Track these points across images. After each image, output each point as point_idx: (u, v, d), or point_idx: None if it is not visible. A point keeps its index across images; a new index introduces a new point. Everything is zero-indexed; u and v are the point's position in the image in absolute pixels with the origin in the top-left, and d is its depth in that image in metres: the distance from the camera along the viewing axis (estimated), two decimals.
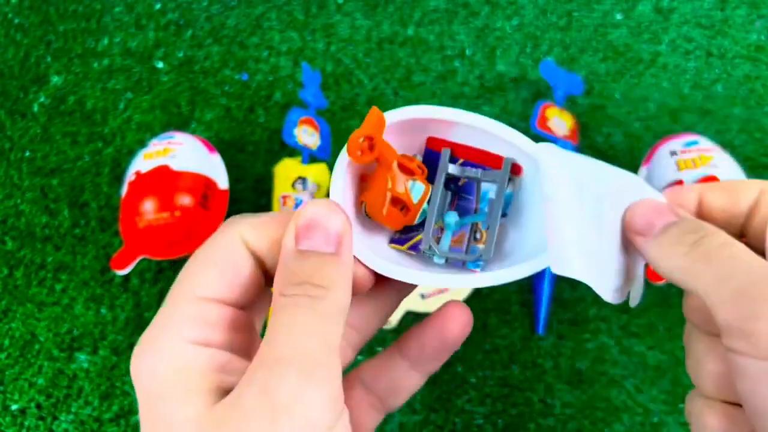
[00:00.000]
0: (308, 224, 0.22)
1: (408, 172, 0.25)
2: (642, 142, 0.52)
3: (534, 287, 0.47)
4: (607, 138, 0.53)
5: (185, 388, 0.21)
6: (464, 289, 0.47)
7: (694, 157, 0.45)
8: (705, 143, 0.46)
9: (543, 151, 0.24)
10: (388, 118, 0.25)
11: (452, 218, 0.26)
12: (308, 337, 0.21)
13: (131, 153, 0.52)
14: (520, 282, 0.25)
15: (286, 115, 0.50)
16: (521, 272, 0.24)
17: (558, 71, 0.52)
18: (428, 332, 0.26)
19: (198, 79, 0.56)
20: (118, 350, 0.46)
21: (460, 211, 0.27)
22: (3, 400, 0.45)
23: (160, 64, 0.57)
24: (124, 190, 0.47)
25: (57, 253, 0.50)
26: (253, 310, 0.24)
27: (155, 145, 0.48)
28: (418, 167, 0.26)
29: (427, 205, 0.26)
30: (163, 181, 0.46)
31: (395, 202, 0.25)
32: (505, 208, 0.26)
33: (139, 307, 0.48)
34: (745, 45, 0.56)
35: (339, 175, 0.25)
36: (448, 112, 0.25)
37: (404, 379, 0.27)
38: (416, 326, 0.27)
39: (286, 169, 0.49)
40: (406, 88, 0.55)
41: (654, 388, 0.45)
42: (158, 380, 0.21)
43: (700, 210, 0.25)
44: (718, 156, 0.45)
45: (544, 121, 0.49)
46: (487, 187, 0.26)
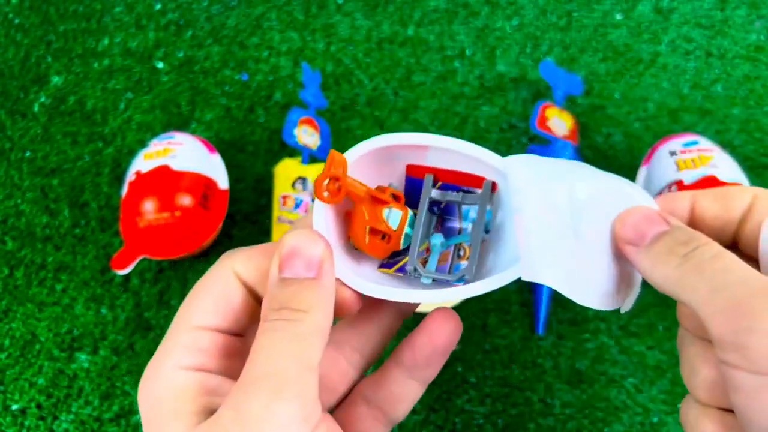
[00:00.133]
0: (290, 253, 0.24)
1: (381, 202, 0.27)
2: (642, 142, 0.52)
3: (534, 287, 0.47)
4: (607, 138, 0.53)
5: (175, 410, 0.23)
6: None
7: (694, 157, 0.45)
8: (705, 143, 0.46)
9: (510, 164, 0.25)
10: (349, 156, 0.26)
11: (438, 240, 0.27)
12: (282, 357, 0.22)
13: (131, 153, 0.53)
14: (519, 282, 0.26)
15: (286, 115, 0.50)
16: (496, 283, 0.25)
17: (558, 71, 0.52)
18: (418, 340, 0.27)
19: (198, 79, 0.56)
20: (118, 350, 0.46)
21: (445, 232, 0.28)
22: (3, 400, 0.45)
23: (160, 64, 0.57)
24: (125, 190, 0.47)
25: (57, 253, 0.50)
26: (250, 338, 0.26)
27: (155, 145, 0.48)
28: (392, 195, 0.27)
29: (410, 229, 0.27)
30: (164, 181, 0.46)
31: (374, 232, 0.27)
32: (488, 226, 0.27)
33: (139, 307, 0.48)
34: (745, 45, 0.56)
35: (318, 212, 0.26)
36: (407, 137, 0.26)
37: (403, 388, 0.27)
38: (408, 335, 0.27)
39: (286, 169, 0.49)
40: (406, 88, 0.55)
41: (654, 387, 0.45)
42: (154, 403, 0.23)
43: (693, 217, 0.25)
44: (718, 156, 0.45)
45: (543, 121, 0.49)
46: (467, 207, 0.27)
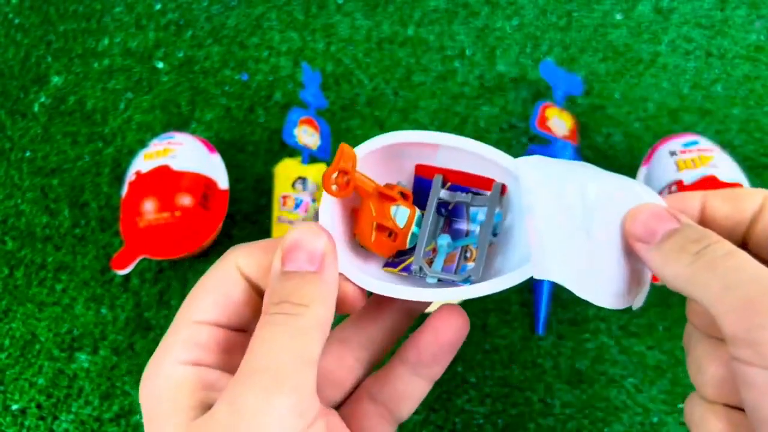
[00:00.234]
0: (292, 246, 0.23)
1: (389, 199, 0.26)
2: (642, 142, 0.52)
3: (534, 287, 0.47)
4: (607, 138, 0.53)
5: (173, 405, 0.22)
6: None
7: (694, 157, 0.45)
8: (705, 143, 0.46)
9: (522, 165, 0.25)
10: (359, 151, 0.25)
11: (445, 240, 0.27)
12: (280, 351, 0.22)
13: (131, 153, 0.53)
14: (520, 283, 0.26)
15: (286, 115, 0.50)
16: (505, 283, 0.24)
17: (558, 71, 0.52)
18: (424, 338, 0.27)
19: (198, 79, 0.56)
20: (118, 350, 0.46)
21: (452, 233, 0.27)
22: (3, 400, 0.45)
23: (160, 64, 0.57)
24: (125, 190, 0.47)
25: (57, 253, 0.50)
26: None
27: (155, 145, 0.48)
28: (400, 193, 0.27)
29: (417, 228, 0.27)
30: (164, 181, 0.46)
31: (381, 229, 0.26)
32: (496, 228, 0.27)
33: (139, 307, 0.48)
34: (745, 45, 0.56)
35: (324, 207, 0.25)
36: (420, 135, 0.26)
37: (408, 386, 0.27)
38: (414, 332, 0.27)
39: (286, 169, 0.49)
40: (406, 88, 0.55)
41: (654, 387, 0.45)
42: (153, 399, 0.23)
43: (703, 217, 0.25)
44: (718, 156, 0.45)
45: (543, 121, 0.49)
46: (477, 208, 0.27)
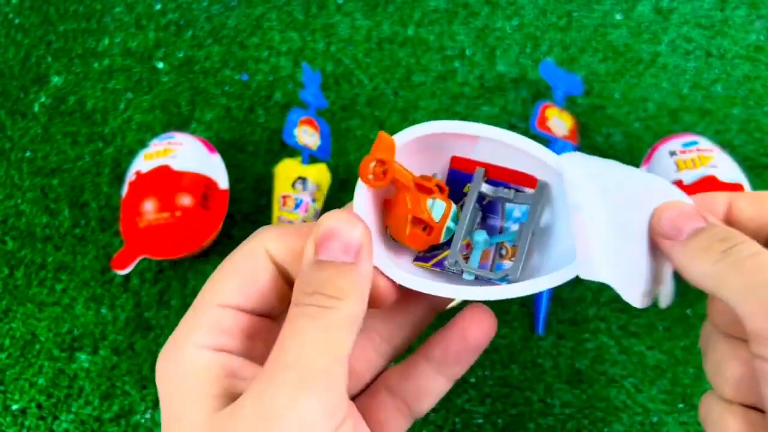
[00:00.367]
0: (327, 234, 0.23)
1: (426, 191, 0.25)
2: (641, 142, 0.52)
3: None
4: (607, 138, 0.53)
5: (196, 392, 0.22)
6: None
7: (694, 157, 0.45)
8: (704, 143, 0.47)
9: (566, 161, 0.24)
10: (398, 139, 0.24)
11: (481, 236, 0.26)
12: (311, 346, 0.21)
13: (131, 153, 0.53)
14: None
15: (286, 115, 0.50)
16: (547, 283, 0.24)
17: (558, 71, 0.52)
18: (451, 336, 0.26)
19: (198, 79, 0.56)
20: (118, 350, 0.46)
21: (487, 229, 0.27)
22: (3, 400, 0.45)
23: (160, 65, 0.57)
24: (125, 190, 0.47)
25: (57, 253, 0.50)
26: (280, 321, 0.25)
27: (156, 145, 0.48)
28: (437, 186, 0.26)
29: (452, 223, 0.26)
30: (164, 181, 0.46)
31: (416, 222, 0.25)
32: (535, 226, 0.26)
33: (139, 307, 0.48)
34: (745, 45, 0.56)
35: (359, 196, 0.24)
36: (463, 125, 0.25)
37: (429, 383, 0.27)
38: (440, 330, 0.27)
39: (286, 169, 0.49)
40: (406, 88, 0.55)
41: (653, 387, 0.45)
42: (174, 384, 0.22)
43: (728, 217, 0.25)
44: (718, 156, 0.45)
45: (543, 122, 0.49)
46: (512, 205, 0.26)
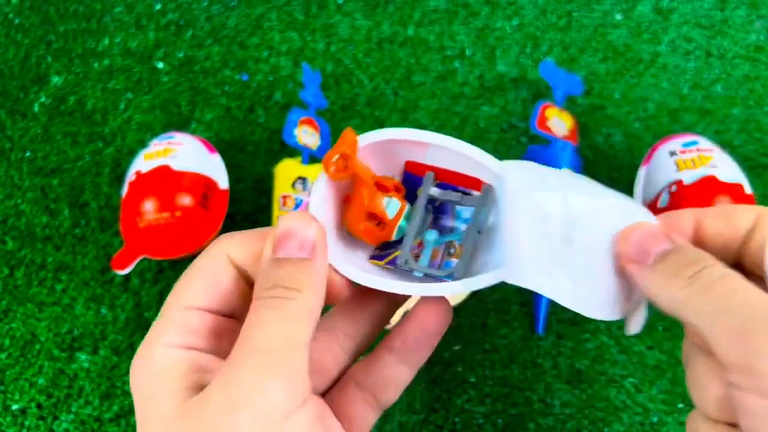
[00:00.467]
0: (285, 234, 0.24)
1: (384, 189, 0.27)
2: (641, 142, 0.52)
3: None
4: (607, 138, 0.53)
5: (166, 386, 0.23)
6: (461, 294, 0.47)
7: (694, 157, 0.45)
8: (704, 143, 0.47)
9: (507, 169, 0.26)
10: (361, 139, 0.26)
11: (432, 236, 0.28)
12: (273, 333, 0.22)
13: (131, 153, 0.53)
14: None
15: (286, 115, 0.50)
16: (479, 283, 0.25)
17: (558, 71, 0.52)
18: (409, 325, 0.28)
19: (198, 79, 0.56)
20: (118, 350, 0.46)
21: (439, 229, 0.28)
22: (3, 400, 0.45)
23: (160, 65, 0.57)
24: (125, 190, 0.47)
25: (57, 253, 0.50)
26: (242, 320, 0.26)
27: (156, 145, 0.49)
28: (395, 186, 0.28)
29: (405, 222, 0.28)
30: (164, 181, 0.46)
31: (371, 217, 0.27)
32: (480, 227, 0.27)
33: (139, 307, 0.48)
34: (745, 45, 0.56)
35: (317, 193, 0.26)
36: (415, 133, 0.27)
37: (393, 372, 0.28)
38: (399, 322, 0.28)
39: (286, 169, 0.49)
40: (406, 88, 0.55)
41: (653, 387, 0.45)
42: (145, 382, 0.23)
43: (696, 235, 0.24)
44: (718, 156, 0.45)
45: (543, 122, 0.49)
46: (462, 206, 0.28)
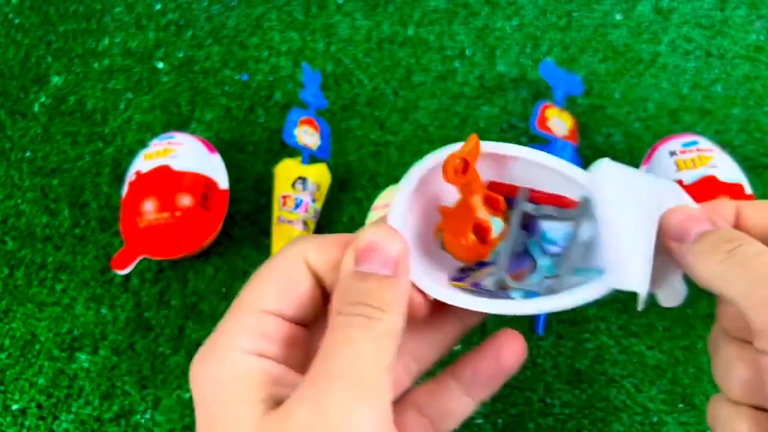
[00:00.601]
0: (368, 247, 0.23)
1: (493, 205, 0.26)
2: (641, 142, 0.52)
3: None
4: (607, 138, 0.53)
5: (243, 395, 0.22)
6: None
7: (694, 157, 0.45)
8: (704, 143, 0.47)
9: (598, 177, 0.25)
10: (483, 147, 0.25)
11: (546, 262, 0.26)
12: (361, 356, 0.21)
13: (131, 153, 0.53)
14: None
15: (286, 115, 0.50)
16: (585, 296, 0.24)
17: (558, 71, 0.52)
18: (483, 358, 0.27)
19: (198, 79, 0.56)
20: (118, 350, 0.46)
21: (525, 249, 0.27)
22: (3, 400, 0.45)
23: (160, 65, 0.57)
24: (125, 190, 0.47)
25: (57, 253, 0.50)
26: (313, 329, 0.25)
27: (156, 145, 0.49)
28: (501, 205, 0.26)
29: (500, 243, 0.26)
30: (164, 181, 0.46)
31: (477, 230, 0.25)
32: (582, 238, 0.26)
33: (139, 307, 0.48)
34: (745, 45, 0.56)
35: (398, 205, 0.25)
36: (525, 151, 0.26)
37: (456, 403, 0.27)
38: (471, 351, 0.27)
39: (286, 169, 0.49)
40: (406, 88, 0.55)
41: (653, 387, 0.45)
42: (218, 387, 0.22)
43: (736, 225, 0.25)
44: (718, 156, 0.45)
45: (543, 122, 0.49)
46: (546, 226, 0.27)
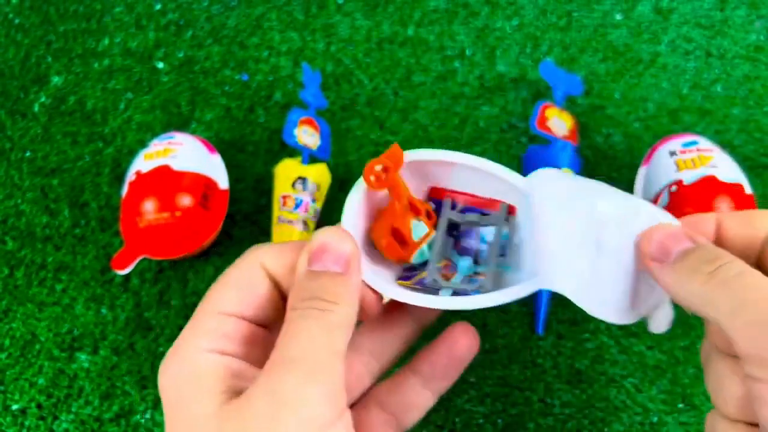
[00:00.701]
0: (320, 248, 0.24)
1: (415, 211, 0.27)
2: (641, 143, 0.52)
3: None
4: (607, 138, 0.53)
5: (202, 389, 0.23)
6: None
7: (694, 157, 0.45)
8: (704, 143, 0.47)
9: (533, 180, 0.26)
10: (406, 156, 0.27)
11: (466, 263, 0.28)
12: (313, 342, 0.22)
13: (131, 153, 0.53)
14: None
15: (286, 115, 0.50)
16: (513, 294, 0.26)
17: (558, 71, 0.52)
18: (438, 352, 0.28)
19: (198, 79, 0.56)
20: (118, 350, 0.46)
21: (461, 251, 0.29)
22: (3, 400, 0.45)
23: (160, 65, 0.57)
24: (125, 190, 0.47)
25: (57, 253, 0.50)
26: (273, 330, 0.26)
27: (156, 145, 0.49)
28: (427, 212, 0.28)
29: (427, 248, 0.28)
30: (164, 181, 0.46)
31: (395, 233, 0.27)
32: (504, 249, 0.28)
33: (139, 307, 0.48)
34: (745, 45, 0.56)
35: (350, 206, 0.26)
36: (454, 155, 0.28)
37: (416, 397, 0.28)
38: (427, 346, 0.28)
39: (286, 169, 0.49)
40: (406, 88, 0.55)
41: (653, 387, 0.45)
42: (179, 384, 0.23)
43: (717, 237, 0.25)
44: (718, 156, 0.45)
45: (543, 122, 0.49)
46: (485, 230, 0.29)
